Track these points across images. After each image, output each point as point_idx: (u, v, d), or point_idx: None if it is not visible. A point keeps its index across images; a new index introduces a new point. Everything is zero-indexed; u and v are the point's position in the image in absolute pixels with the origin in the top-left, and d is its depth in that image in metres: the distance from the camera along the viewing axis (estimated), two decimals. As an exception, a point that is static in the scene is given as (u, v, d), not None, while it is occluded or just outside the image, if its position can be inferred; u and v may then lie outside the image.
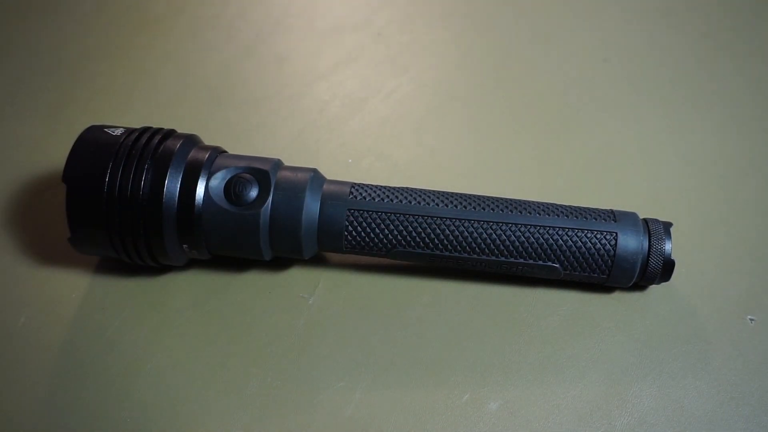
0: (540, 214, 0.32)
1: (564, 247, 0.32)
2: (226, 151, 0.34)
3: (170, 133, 0.33)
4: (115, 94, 0.46)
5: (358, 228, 0.32)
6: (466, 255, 0.32)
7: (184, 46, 0.49)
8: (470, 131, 0.44)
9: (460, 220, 0.32)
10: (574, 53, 0.49)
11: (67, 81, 0.46)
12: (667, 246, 0.32)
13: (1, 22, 0.51)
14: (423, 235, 0.32)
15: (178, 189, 0.31)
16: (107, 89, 0.46)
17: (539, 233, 0.32)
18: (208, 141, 0.36)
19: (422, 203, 0.32)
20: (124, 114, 0.44)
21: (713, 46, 0.49)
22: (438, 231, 0.32)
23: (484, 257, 0.32)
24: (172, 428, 0.30)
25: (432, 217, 0.32)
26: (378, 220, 0.32)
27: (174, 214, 0.31)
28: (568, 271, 0.33)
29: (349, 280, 0.35)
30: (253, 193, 0.32)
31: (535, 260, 0.32)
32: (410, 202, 0.32)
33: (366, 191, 0.33)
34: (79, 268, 0.35)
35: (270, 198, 0.31)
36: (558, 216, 0.32)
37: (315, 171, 0.33)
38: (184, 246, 0.32)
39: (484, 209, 0.32)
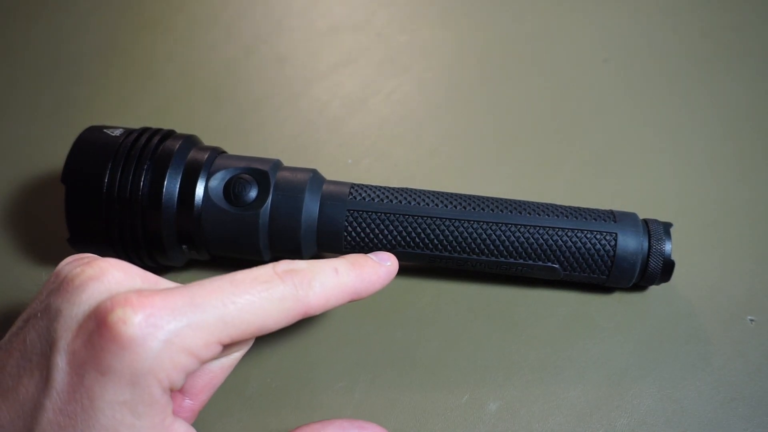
0: (540, 215, 0.32)
1: (564, 248, 0.32)
2: (225, 152, 0.34)
3: (169, 134, 0.33)
4: (115, 94, 0.46)
5: (358, 229, 0.32)
6: (466, 255, 0.32)
7: (184, 46, 0.49)
8: (470, 131, 0.44)
9: (459, 220, 0.32)
10: (574, 53, 0.49)
11: (67, 81, 0.46)
12: (667, 246, 0.32)
13: (1, 22, 0.51)
14: (423, 235, 0.32)
15: (177, 189, 0.31)
16: (107, 89, 0.46)
17: (539, 234, 0.32)
18: (207, 141, 0.36)
19: (422, 204, 0.32)
20: (124, 114, 0.44)
21: (713, 46, 0.49)
22: (438, 231, 0.32)
23: (484, 258, 0.32)
24: (172, 429, 0.30)
25: (432, 218, 0.32)
26: (378, 221, 0.32)
27: (173, 215, 0.31)
28: (567, 272, 0.32)
29: (349, 281, 0.35)
30: (253, 193, 0.32)
31: (534, 261, 0.32)
32: (410, 203, 0.32)
33: (366, 192, 0.33)
34: (78, 269, 0.35)
35: (269, 198, 0.31)
36: (558, 216, 0.32)
37: (314, 171, 0.33)
38: (183, 246, 0.32)
39: (483, 210, 0.32)
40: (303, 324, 0.33)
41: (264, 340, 0.32)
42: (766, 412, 0.30)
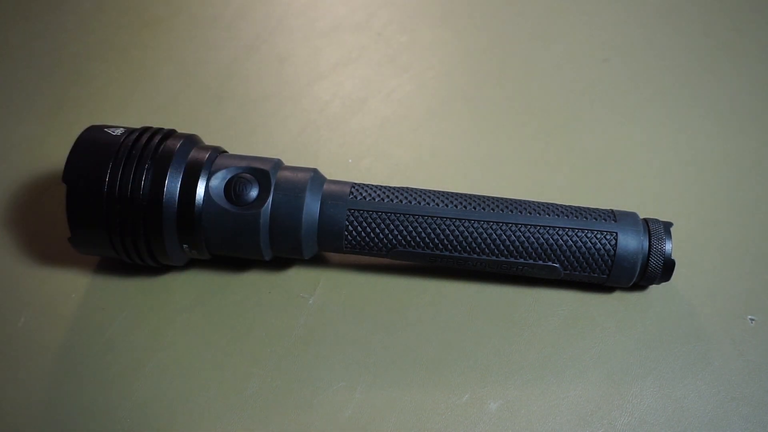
0: (540, 214, 0.32)
1: (564, 247, 0.32)
2: (226, 151, 0.34)
3: (170, 133, 0.33)
4: (115, 94, 0.46)
5: (358, 228, 0.32)
6: (466, 255, 0.32)
7: (184, 46, 0.49)
8: (470, 131, 0.44)
9: (460, 220, 0.32)
10: (574, 53, 0.49)
11: (67, 81, 0.46)
12: (667, 246, 0.32)
13: (1, 22, 0.51)
14: (423, 235, 0.32)
15: (178, 189, 0.31)
16: (107, 89, 0.46)
17: (539, 233, 0.32)
18: (208, 141, 0.36)
19: (422, 203, 0.32)
20: (124, 114, 0.44)
21: (713, 46, 0.49)
22: (438, 231, 0.32)
23: (484, 257, 0.32)
24: (172, 428, 0.30)
25: (432, 217, 0.32)
26: (378, 220, 0.32)
27: (174, 214, 0.31)
28: (568, 271, 0.33)
29: (349, 280, 0.35)
30: (254, 193, 0.32)
31: (535, 260, 0.32)
32: (410, 202, 0.32)
33: (366, 191, 0.33)
34: (79, 268, 0.35)
35: (270, 198, 0.31)
36: (558, 216, 0.32)
37: (315, 171, 0.33)
38: (184, 246, 0.32)
39: (484, 209, 0.32)
40: (303, 323, 0.33)
41: (264, 340, 0.32)
42: (766, 412, 0.30)
